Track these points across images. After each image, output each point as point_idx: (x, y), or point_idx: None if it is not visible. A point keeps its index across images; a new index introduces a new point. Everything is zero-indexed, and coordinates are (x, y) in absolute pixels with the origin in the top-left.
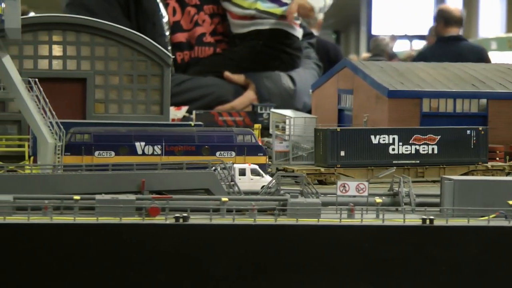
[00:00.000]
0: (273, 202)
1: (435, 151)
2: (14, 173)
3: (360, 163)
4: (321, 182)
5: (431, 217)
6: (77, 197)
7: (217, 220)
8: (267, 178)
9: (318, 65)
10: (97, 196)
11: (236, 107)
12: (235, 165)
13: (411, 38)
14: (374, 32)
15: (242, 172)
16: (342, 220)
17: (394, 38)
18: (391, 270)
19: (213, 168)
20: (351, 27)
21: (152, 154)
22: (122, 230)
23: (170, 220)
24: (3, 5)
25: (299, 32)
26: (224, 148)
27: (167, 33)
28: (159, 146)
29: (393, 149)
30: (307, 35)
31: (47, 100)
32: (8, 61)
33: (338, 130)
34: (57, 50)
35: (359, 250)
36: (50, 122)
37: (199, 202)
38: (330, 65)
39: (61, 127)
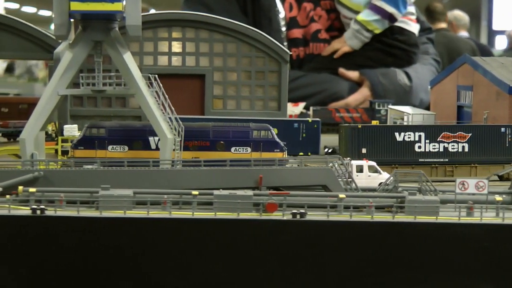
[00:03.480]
0: (391, 199)
1: (466, 149)
2: (134, 168)
3: (383, 161)
4: None
5: None
6: (195, 192)
7: (334, 216)
8: (385, 175)
9: (437, 61)
10: (215, 192)
11: (350, 103)
12: (352, 162)
13: None
14: (495, 27)
15: (360, 169)
16: (461, 218)
17: None
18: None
19: (331, 164)
20: (472, 22)
21: None
22: (240, 225)
23: (287, 216)
24: (124, 2)
25: (415, 28)
26: (239, 144)
27: (283, 29)
28: None
29: (419, 147)
30: (426, 30)
31: (166, 96)
32: (129, 58)
33: (359, 127)
34: (176, 47)
35: (478, 248)
36: (169, 118)
37: (316, 198)
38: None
39: (180, 122)
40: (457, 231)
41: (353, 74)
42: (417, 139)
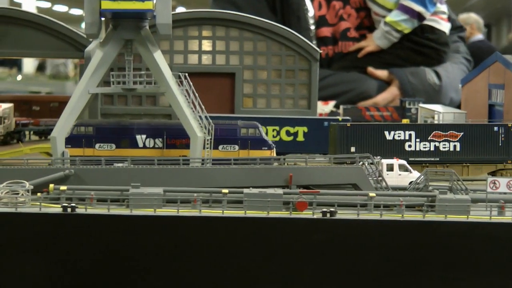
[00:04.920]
0: (422, 198)
1: (457, 149)
2: (164, 166)
3: None
4: None
5: None
6: (225, 190)
7: (365, 215)
8: (415, 174)
9: (467, 59)
10: (245, 190)
11: (379, 102)
12: (383, 160)
13: None
14: None
15: (390, 168)
16: (492, 217)
17: None
18: None
19: (361, 163)
20: (503, 20)
21: (154, 147)
22: (270, 224)
23: (317, 215)
24: (154, 1)
25: (445, 26)
26: (227, 142)
27: (312, 27)
28: (160, 139)
29: (410, 146)
30: (457, 28)
31: (196, 94)
32: (159, 56)
33: (348, 125)
34: (206, 45)
35: (510, 248)
36: (200, 116)
37: (346, 197)
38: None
39: (210, 121)
40: (488, 231)
41: (382, 73)
42: (407, 138)
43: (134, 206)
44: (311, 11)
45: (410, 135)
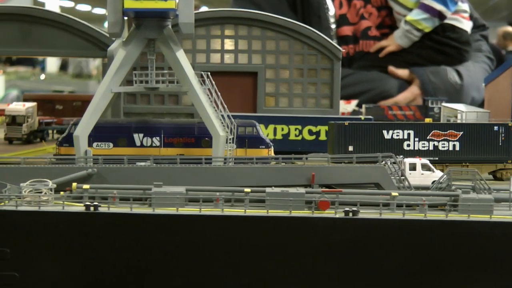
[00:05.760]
0: (444, 197)
1: (457, 148)
2: (187, 165)
3: None
4: None
5: None
6: (247, 189)
7: (387, 214)
8: (438, 173)
9: (490, 58)
10: (267, 189)
11: (399, 102)
12: (405, 160)
13: None
14: None
15: (413, 167)
16: None
17: None
18: None
19: (383, 162)
20: None
21: (151, 146)
22: (292, 223)
23: (340, 214)
24: (177, 0)
25: (467, 25)
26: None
27: (333, 26)
28: (158, 138)
29: (408, 145)
30: (479, 27)
31: (219, 94)
32: (182, 55)
33: (346, 124)
34: (229, 44)
35: None
36: (222, 115)
37: (369, 196)
38: None
39: (233, 120)
40: (511, 230)
41: (403, 72)
42: (406, 137)
43: (157, 205)
44: (331, 10)
45: (408, 134)
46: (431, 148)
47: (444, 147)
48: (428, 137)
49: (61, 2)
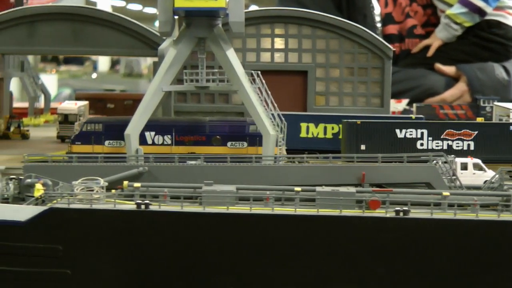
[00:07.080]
0: (496, 197)
1: (471, 147)
2: (237, 164)
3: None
4: None
5: None
6: (298, 188)
7: (438, 214)
8: (490, 173)
9: None
10: (318, 188)
11: (446, 99)
12: (457, 159)
13: None
14: None
15: (464, 167)
16: None
17: None
18: None
19: (434, 162)
20: None
21: (162, 144)
22: (342, 222)
23: (390, 214)
24: None
25: None
26: (236, 138)
27: (379, 25)
28: (169, 136)
29: (422, 144)
30: None
31: (269, 92)
32: (232, 54)
33: (358, 122)
34: (279, 43)
35: None
36: (272, 114)
37: (419, 195)
38: None
39: (283, 119)
40: None
41: (450, 69)
42: (419, 136)
43: (207, 203)
44: (377, 9)
45: (422, 133)
46: (445, 147)
47: (458, 146)
48: (442, 136)
49: (113, 1)
